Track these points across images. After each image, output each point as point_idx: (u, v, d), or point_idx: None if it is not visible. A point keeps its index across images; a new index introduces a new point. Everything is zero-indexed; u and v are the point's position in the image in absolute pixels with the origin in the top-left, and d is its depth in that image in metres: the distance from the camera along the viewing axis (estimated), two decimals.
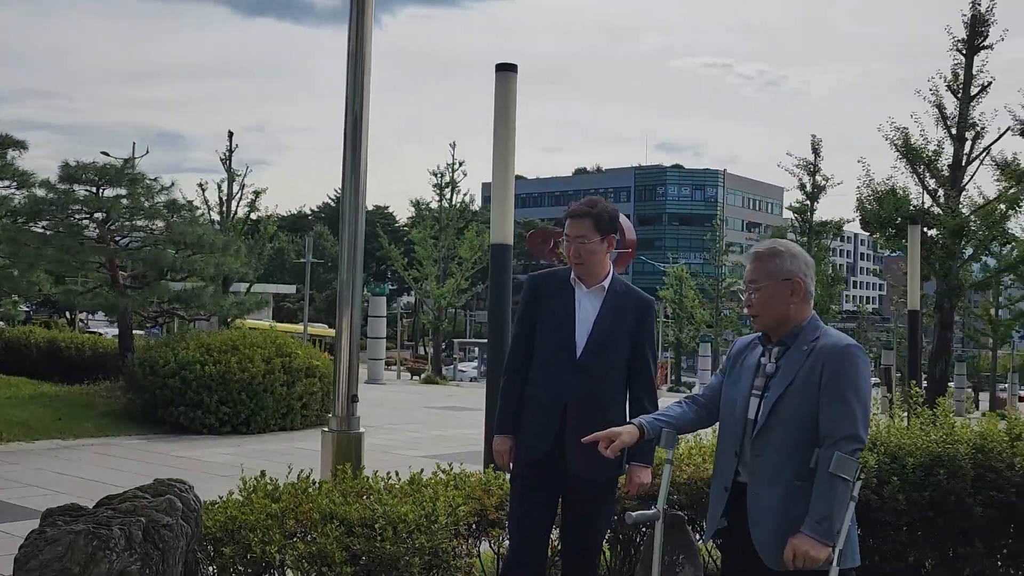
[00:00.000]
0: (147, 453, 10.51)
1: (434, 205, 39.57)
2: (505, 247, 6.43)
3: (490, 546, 4.44)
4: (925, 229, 20.65)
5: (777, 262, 3.03)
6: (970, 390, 43.33)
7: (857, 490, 2.87)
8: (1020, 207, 24.76)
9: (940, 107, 25.64)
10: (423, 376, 35.10)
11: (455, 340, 43.47)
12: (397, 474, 4.51)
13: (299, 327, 35.88)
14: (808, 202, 33.21)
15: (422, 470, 4.64)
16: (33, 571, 2.97)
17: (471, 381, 37.27)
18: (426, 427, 15.30)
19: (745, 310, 3.21)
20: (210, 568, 3.89)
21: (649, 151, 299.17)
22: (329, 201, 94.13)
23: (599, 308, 3.76)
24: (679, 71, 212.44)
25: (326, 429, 5.26)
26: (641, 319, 3.84)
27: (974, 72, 25.51)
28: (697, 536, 3.96)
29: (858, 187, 25.94)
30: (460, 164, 39.13)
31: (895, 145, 25.55)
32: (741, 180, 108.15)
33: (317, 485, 4.30)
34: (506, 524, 4.12)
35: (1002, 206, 24.80)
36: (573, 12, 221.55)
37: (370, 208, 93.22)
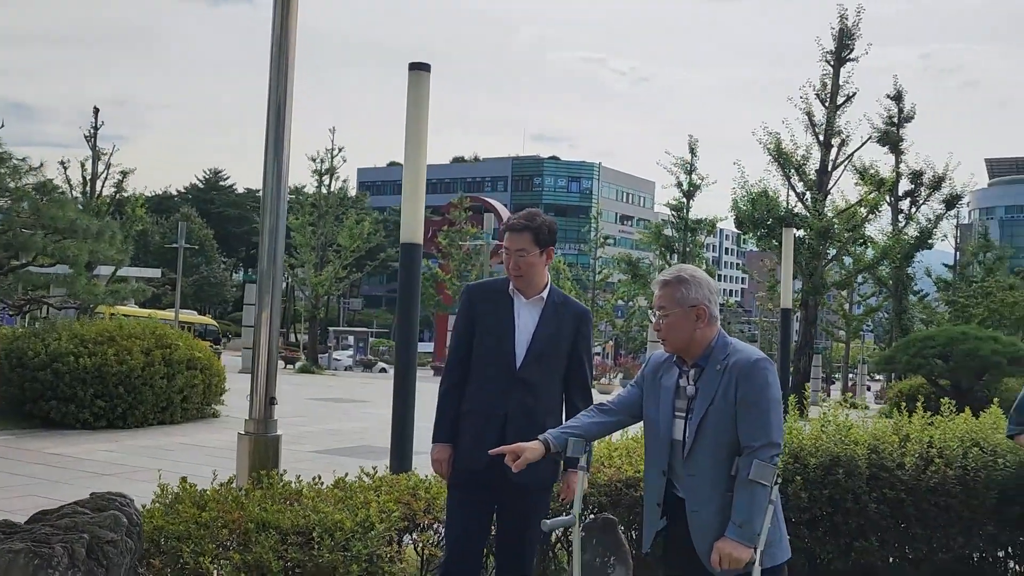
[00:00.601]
0: (17, 451, 9.89)
1: (310, 191, 38.96)
2: (415, 246, 6.39)
3: (415, 549, 4.43)
4: (794, 230, 21.70)
5: (683, 290, 3.20)
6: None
7: (775, 494, 3.06)
8: (879, 211, 26.43)
9: (809, 114, 27.11)
10: (298, 366, 34.56)
11: (330, 328, 42.79)
12: (320, 478, 4.46)
13: (169, 313, 34.47)
14: (684, 199, 34.32)
15: (347, 474, 4.63)
16: None
17: (346, 370, 37.03)
18: (311, 420, 15.05)
19: (655, 333, 3.36)
20: None
21: (526, 142, 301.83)
22: (197, 183, 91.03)
23: (538, 319, 3.81)
24: (554, 63, 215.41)
25: (242, 432, 5.09)
26: (578, 329, 3.90)
27: (840, 82, 27.06)
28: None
29: (733, 188, 27.07)
30: (340, 150, 38.68)
31: (767, 149, 26.78)
32: (615, 174, 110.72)
33: (244, 492, 4.19)
34: (441, 530, 4.15)
35: (863, 210, 26.38)
36: (450, 1, 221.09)
37: (241, 191, 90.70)
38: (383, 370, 39.14)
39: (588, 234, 57.31)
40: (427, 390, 6.98)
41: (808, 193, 26.65)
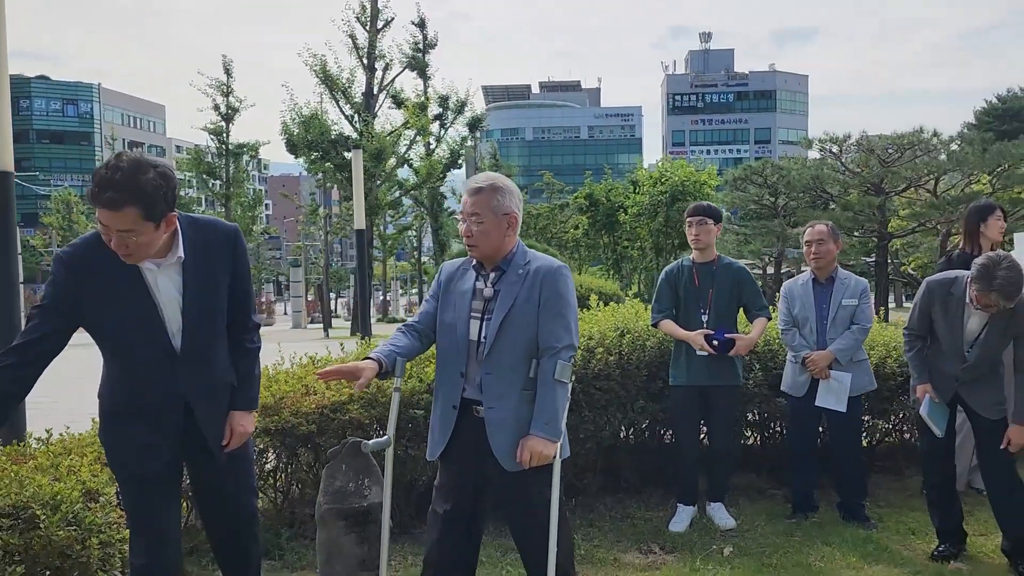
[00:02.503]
0: None
1: None
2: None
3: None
4: (360, 152, 22.20)
5: (498, 198, 3.28)
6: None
7: (569, 391, 3.29)
8: (425, 134, 28.09)
9: (352, 37, 27.55)
10: None
11: None
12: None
13: None
14: (223, 123, 32.91)
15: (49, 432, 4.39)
16: None
17: None
18: None
19: (464, 240, 3.39)
20: None
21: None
22: None
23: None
24: None
25: None
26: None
27: (380, 7, 27.89)
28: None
29: (282, 111, 26.70)
30: None
31: (314, 71, 26.78)
32: (119, 96, 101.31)
33: None
34: None
35: (410, 132, 27.85)
36: None
37: None
38: None
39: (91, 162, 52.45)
40: None
41: (356, 115, 27.35)
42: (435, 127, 33.49)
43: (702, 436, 5.81)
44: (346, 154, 26.45)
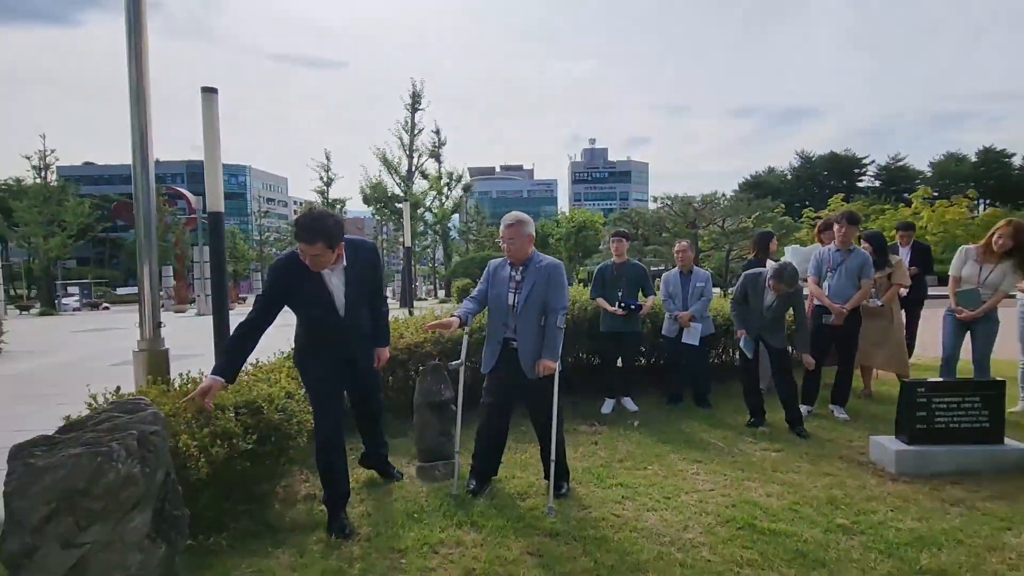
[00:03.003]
0: None
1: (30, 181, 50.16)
2: (218, 214, 6.50)
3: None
4: (397, 204, 42.67)
5: (522, 228, 5.07)
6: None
7: (563, 333, 5.07)
8: (440, 195, 48.65)
9: (400, 138, 48.14)
10: (40, 310, 45.46)
11: (56, 281, 52.67)
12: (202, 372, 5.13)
13: None
14: (325, 187, 53.91)
15: (256, 360, 6.11)
16: (36, 496, 3.10)
17: (74, 311, 47.38)
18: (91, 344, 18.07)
19: (504, 250, 5.20)
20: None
21: None
22: None
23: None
24: None
25: (135, 349, 5.62)
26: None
27: (416, 121, 48.56)
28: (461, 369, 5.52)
29: (360, 179, 46.75)
30: (53, 151, 50.81)
31: (378, 158, 47.26)
32: (260, 172, 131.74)
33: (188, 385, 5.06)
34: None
35: (432, 192, 48.62)
36: None
37: None
38: (106, 307, 50.93)
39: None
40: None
41: (402, 183, 47.52)
42: (445, 190, 51.54)
43: (618, 359, 8.09)
44: (397, 204, 46.53)
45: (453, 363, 5.47)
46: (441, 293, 56.35)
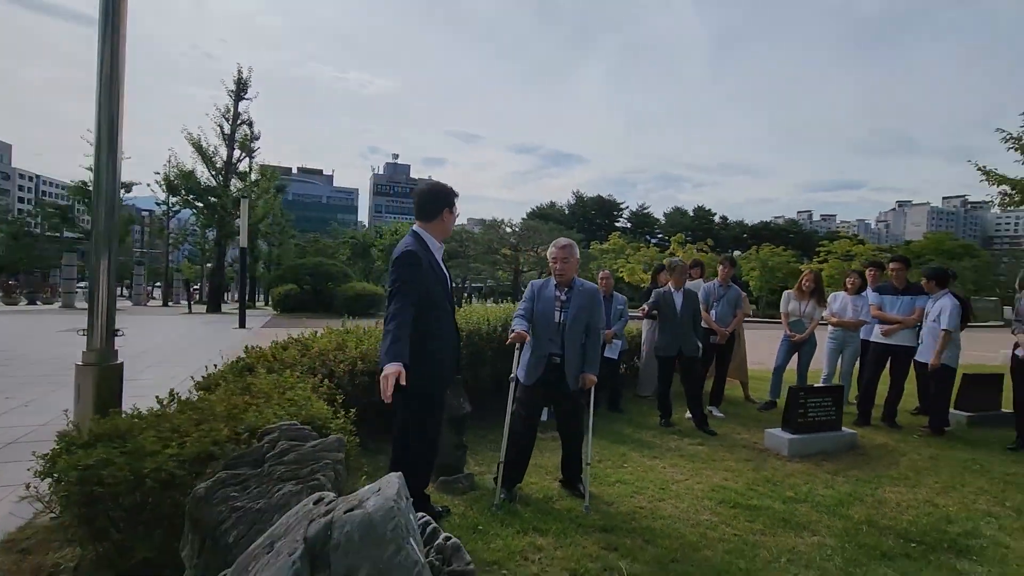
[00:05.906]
0: None
1: None
2: None
3: None
4: (211, 198, 41.17)
5: (573, 251, 5.76)
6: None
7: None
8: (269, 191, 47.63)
9: (221, 127, 46.92)
10: None
11: None
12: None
13: None
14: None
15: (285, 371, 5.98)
16: (276, 536, 2.68)
17: None
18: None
19: (555, 271, 5.79)
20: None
21: None
22: None
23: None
24: None
25: (80, 363, 5.19)
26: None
27: (240, 111, 47.46)
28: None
29: (165, 165, 44.94)
30: None
31: (192, 145, 45.69)
32: None
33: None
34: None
35: (257, 189, 47.39)
36: None
37: None
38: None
39: None
40: None
41: (219, 176, 45.90)
42: (257, 190, 51.30)
43: None
44: (210, 198, 44.08)
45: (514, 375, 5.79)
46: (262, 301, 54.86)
